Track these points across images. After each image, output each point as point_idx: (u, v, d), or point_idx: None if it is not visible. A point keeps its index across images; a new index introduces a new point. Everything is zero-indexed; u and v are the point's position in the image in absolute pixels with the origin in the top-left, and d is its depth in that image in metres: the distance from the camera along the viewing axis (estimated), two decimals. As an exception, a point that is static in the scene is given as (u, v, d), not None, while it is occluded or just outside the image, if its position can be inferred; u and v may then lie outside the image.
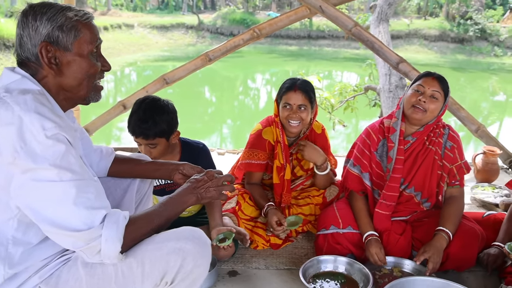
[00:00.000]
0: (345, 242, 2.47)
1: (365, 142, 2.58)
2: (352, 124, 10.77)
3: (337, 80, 17.92)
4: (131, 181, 2.10)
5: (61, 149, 1.33)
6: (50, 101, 1.46)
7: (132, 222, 1.47)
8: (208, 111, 14.00)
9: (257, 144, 2.85)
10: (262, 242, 2.70)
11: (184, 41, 26.74)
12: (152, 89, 4.46)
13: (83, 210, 1.35)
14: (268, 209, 2.70)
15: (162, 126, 2.38)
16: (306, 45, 26.25)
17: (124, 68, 20.58)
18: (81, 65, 1.50)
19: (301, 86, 2.69)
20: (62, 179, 1.33)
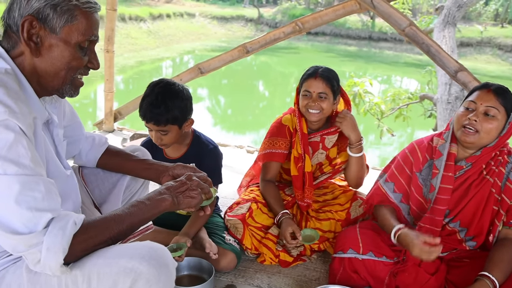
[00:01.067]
0: (363, 271, 2.13)
1: (407, 158, 2.21)
2: (405, 133, 10.23)
3: (395, 86, 17.33)
4: (121, 176, 1.93)
5: (8, 138, 1.17)
6: (20, 82, 1.30)
7: (84, 230, 1.25)
8: (260, 105, 13.86)
9: (276, 132, 2.64)
10: (270, 256, 2.42)
11: (242, 34, 26.72)
12: (187, 77, 4.27)
13: (25, 210, 1.17)
14: (283, 218, 2.42)
15: (175, 112, 2.20)
16: (366, 46, 25.57)
17: (182, 56, 20.82)
18: (63, 52, 1.35)
19: (323, 73, 2.46)
20: (5, 172, 1.16)
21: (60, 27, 1.31)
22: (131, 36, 19.54)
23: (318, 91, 2.44)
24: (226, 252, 2.30)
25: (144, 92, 2.26)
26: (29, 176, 1.18)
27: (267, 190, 2.61)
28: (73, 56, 1.35)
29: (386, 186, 2.24)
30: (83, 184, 1.87)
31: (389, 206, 2.24)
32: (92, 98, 11.36)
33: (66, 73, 1.37)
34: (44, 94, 1.43)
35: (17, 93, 1.23)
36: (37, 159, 1.23)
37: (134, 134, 4.23)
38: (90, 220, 1.29)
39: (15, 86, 1.25)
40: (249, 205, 2.52)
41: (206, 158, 2.41)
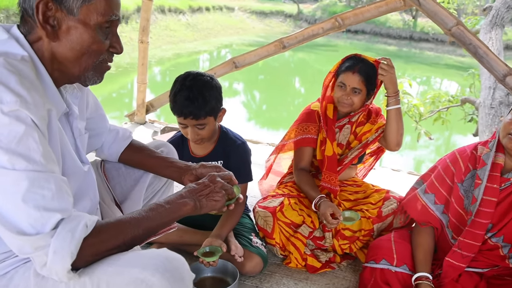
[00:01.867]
0: (396, 284, 2.02)
1: (449, 168, 2.07)
2: (442, 136, 9.94)
3: (435, 88, 16.91)
4: (144, 173, 1.84)
5: (18, 130, 1.08)
6: (38, 70, 1.20)
7: (96, 233, 1.16)
8: (295, 102, 13.74)
9: (306, 118, 2.65)
10: (296, 257, 2.34)
11: (281, 29, 26.52)
12: (221, 71, 4.19)
13: (32, 209, 1.08)
14: (322, 201, 2.35)
15: (212, 103, 2.12)
16: (406, 46, 25.00)
17: (220, 50, 20.81)
18: (82, 35, 1.24)
19: (361, 69, 2.41)
20: (14, 167, 1.07)
21: (77, 8, 1.21)
22: (170, 28, 19.63)
23: (353, 85, 2.44)
24: (253, 255, 2.21)
25: (172, 87, 2.15)
26: (39, 172, 1.09)
27: (301, 179, 2.57)
28: (93, 39, 1.25)
29: (426, 197, 2.10)
30: (104, 179, 1.80)
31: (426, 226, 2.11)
32: (129, 88, 11.46)
33: (87, 59, 1.28)
34: (64, 82, 1.34)
35: (32, 82, 1.15)
36: (49, 154, 1.14)
37: (165, 127, 4.18)
38: (104, 223, 1.21)
39: (31, 75, 1.16)
40: (281, 200, 2.45)
41: (234, 154, 2.32)
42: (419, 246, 2.07)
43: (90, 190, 1.49)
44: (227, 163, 2.33)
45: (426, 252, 2.05)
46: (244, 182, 2.35)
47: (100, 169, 1.83)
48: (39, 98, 1.13)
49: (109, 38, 1.31)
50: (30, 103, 1.09)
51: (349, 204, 2.58)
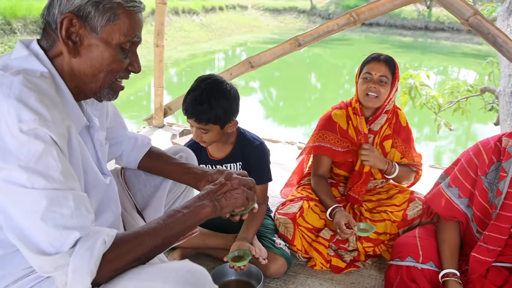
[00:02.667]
0: (422, 281, 1.99)
1: (472, 161, 2.03)
2: (462, 126, 9.80)
3: (452, 77, 16.69)
4: (163, 179, 1.84)
5: (37, 149, 1.08)
6: (58, 86, 1.22)
7: (115, 247, 1.15)
8: (312, 98, 13.68)
9: (326, 126, 2.58)
10: (321, 261, 2.31)
11: (295, 25, 26.44)
12: (237, 71, 4.18)
13: (51, 228, 1.08)
14: (337, 210, 2.33)
15: (218, 112, 2.11)
16: (421, 37, 24.71)
17: (235, 48, 20.82)
18: (103, 54, 1.26)
19: (386, 58, 2.44)
20: (34, 185, 1.07)
21: (101, 26, 1.23)
22: (184, 29, 19.69)
23: (379, 73, 2.42)
24: (276, 257, 2.21)
25: (191, 86, 2.17)
26: (58, 190, 1.10)
27: (318, 186, 2.54)
28: (114, 58, 1.27)
29: (450, 191, 2.07)
30: (125, 187, 1.81)
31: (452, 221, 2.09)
32: (146, 90, 11.52)
33: (105, 76, 1.29)
34: (82, 98, 1.35)
35: (52, 99, 1.15)
36: (68, 171, 1.14)
37: (184, 130, 4.19)
38: (122, 236, 1.20)
39: (51, 91, 1.17)
40: (300, 204, 2.42)
41: (252, 155, 2.32)
42: (444, 241, 2.04)
43: (112, 202, 1.50)
44: (246, 164, 2.33)
45: (452, 248, 2.02)
46: (264, 182, 2.35)
47: (120, 177, 1.84)
48: (58, 115, 1.14)
49: (128, 57, 1.33)
50: (49, 120, 1.10)
51: (371, 205, 2.55)
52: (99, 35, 1.24)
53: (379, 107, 2.50)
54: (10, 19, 11.33)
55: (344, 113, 2.59)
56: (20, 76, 1.12)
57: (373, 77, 2.43)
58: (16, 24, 11.40)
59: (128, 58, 1.33)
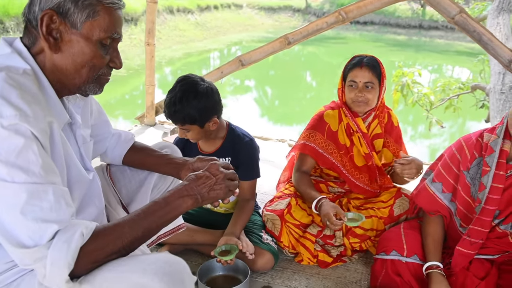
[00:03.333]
0: (407, 274, 2.02)
1: (455, 157, 2.06)
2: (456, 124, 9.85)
3: (446, 75, 16.75)
4: (148, 174, 1.86)
5: (18, 143, 1.10)
6: (40, 83, 1.24)
7: (94, 239, 1.16)
8: (307, 96, 13.70)
9: (316, 126, 2.55)
10: (308, 256, 2.32)
11: (290, 24, 26.44)
12: (227, 70, 4.20)
13: (31, 221, 1.10)
14: (323, 201, 2.28)
15: (191, 112, 2.14)
16: (416, 35, 24.76)
17: (230, 47, 20.80)
18: (83, 49, 1.29)
19: (368, 62, 2.38)
20: (14, 179, 1.09)
21: (81, 22, 1.25)
22: (179, 28, 19.67)
23: (364, 80, 2.37)
24: (263, 252, 2.23)
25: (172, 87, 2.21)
26: (38, 184, 1.11)
27: (301, 180, 2.52)
28: (94, 53, 1.29)
29: (433, 186, 2.10)
30: (110, 183, 1.83)
31: (435, 215, 2.11)
32: (141, 89, 11.52)
33: (87, 72, 1.31)
34: (66, 94, 1.37)
35: (34, 95, 1.18)
36: (49, 166, 1.16)
37: (174, 128, 4.21)
38: (101, 228, 1.21)
39: (33, 87, 1.19)
40: (288, 200, 2.44)
41: (242, 151, 2.35)
42: (428, 235, 2.07)
43: (95, 197, 1.52)
44: (235, 160, 2.36)
45: (436, 241, 2.05)
46: (252, 178, 2.38)
47: (106, 173, 1.87)
48: (40, 111, 1.16)
49: (109, 54, 1.35)
50: (30, 116, 1.11)
51: (359, 202, 2.55)
52: (79, 31, 1.26)
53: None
54: (3, 18, 11.30)
55: (336, 114, 2.56)
56: (2, 73, 1.15)
57: (359, 85, 2.40)
58: (9, 23, 11.37)
59: (108, 54, 1.35)
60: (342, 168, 2.52)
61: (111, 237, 1.20)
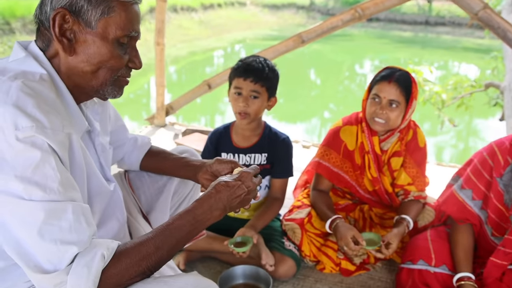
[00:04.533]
0: (435, 285, 1.94)
1: (486, 162, 1.97)
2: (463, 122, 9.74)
3: (452, 72, 16.61)
4: (168, 180, 1.77)
5: (34, 157, 1.02)
6: (58, 89, 1.16)
7: (116, 261, 1.07)
8: (312, 94, 13.62)
9: (331, 143, 2.39)
10: (331, 265, 2.24)
11: (294, 21, 26.34)
12: (239, 69, 4.09)
13: (49, 243, 1.02)
14: (338, 222, 2.16)
15: (273, 76, 2.19)
16: (422, 31, 24.60)
17: (234, 45, 20.74)
18: (100, 50, 1.19)
19: (399, 78, 2.15)
20: (31, 197, 1.02)
21: (95, 21, 1.16)
22: (183, 27, 19.60)
23: (389, 97, 2.16)
24: (285, 258, 2.16)
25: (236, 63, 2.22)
26: (56, 202, 1.03)
27: (318, 199, 2.37)
28: (112, 53, 1.20)
29: (462, 193, 2.01)
30: (130, 191, 1.75)
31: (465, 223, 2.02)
32: (145, 88, 11.45)
33: (105, 73, 1.23)
34: (84, 99, 1.29)
35: (52, 104, 1.10)
36: (68, 181, 1.08)
37: (186, 130, 4.13)
38: (124, 248, 1.11)
39: (51, 95, 1.12)
40: (309, 210, 2.34)
41: (279, 149, 2.30)
42: (458, 244, 1.99)
43: (117, 209, 1.45)
44: (271, 157, 2.32)
45: (466, 251, 1.97)
46: (285, 177, 2.35)
47: (125, 180, 1.79)
48: (58, 121, 1.08)
49: (128, 53, 1.27)
50: (48, 127, 1.05)
51: (382, 210, 2.46)
52: (94, 30, 1.17)
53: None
54: (9, 19, 11.26)
55: (354, 131, 2.37)
56: (18, 82, 1.07)
57: (382, 101, 2.18)
58: (15, 24, 11.33)
59: (127, 54, 1.26)
60: (358, 187, 2.42)
61: (135, 258, 1.11)
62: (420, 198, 2.36)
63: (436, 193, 2.38)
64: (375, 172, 2.35)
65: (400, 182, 2.37)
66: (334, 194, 2.53)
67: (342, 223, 2.17)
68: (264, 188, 2.37)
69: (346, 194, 2.54)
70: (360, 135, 2.35)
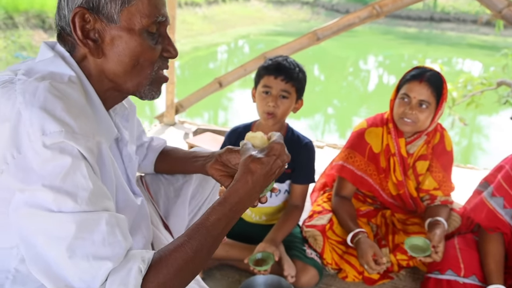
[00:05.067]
0: (465, 296, 1.86)
1: None
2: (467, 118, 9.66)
3: (456, 68, 16.52)
4: (184, 183, 1.66)
5: (63, 165, 0.93)
6: (87, 93, 1.06)
7: (154, 273, 0.97)
8: (315, 89, 13.55)
9: (356, 145, 2.30)
10: (353, 274, 2.17)
11: (298, 17, 26.21)
12: (252, 67, 4.07)
13: (80, 259, 0.92)
14: (360, 237, 2.08)
15: (303, 77, 2.14)
16: (427, 27, 24.47)
17: (237, 40, 20.66)
18: (129, 44, 1.08)
19: (430, 78, 2.07)
20: (60, 208, 0.91)
21: (117, 13, 1.05)
22: (187, 22, 19.50)
23: (420, 97, 2.08)
24: (308, 267, 2.09)
25: (265, 62, 2.16)
26: (88, 213, 0.94)
27: (341, 207, 2.29)
28: (141, 45, 1.09)
29: (493, 201, 1.94)
30: (149, 197, 1.64)
31: (495, 232, 1.94)
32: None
33: (140, 71, 1.12)
34: (112, 103, 1.20)
35: (81, 108, 1.01)
36: (100, 190, 0.99)
37: (198, 129, 4.05)
38: (158, 258, 1.00)
39: (81, 100, 1.03)
40: (330, 216, 2.27)
41: (301, 153, 2.21)
42: (489, 254, 1.92)
43: (143, 225, 1.36)
44: (292, 161, 2.21)
45: (497, 261, 1.90)
46: (306, 183, 2.25)
47: (143, 186, 1.68)
48: (88, 127, 0.99)
49: (159, 43, 1.15)
50: (77, 133, 0.95)
51: (404, 216, 2.38)
52: (118, 24, 1.06)
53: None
54: (12, 13, 11.16)
55: (380, 132, 2.30)
56: (46, 83, 0.98)
57: (412, 101, 2.11)
58: (18, 18, 11.23)
59: (159, 43, 1.15)
60: (382, 191, 2.35)
61: (173, 267, 1.00)
62: (447, 202, 2.29)
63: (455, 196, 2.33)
64: (400, 176, 2.27)
65: (425, 187, 2.30)
66: (355, 199, 2.46)
67: (364, 238, 2.09)
68: (283, 192, 2.30)
69: (367, 199, 2.46)
70: (385, 137, 2.28)
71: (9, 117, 0.94)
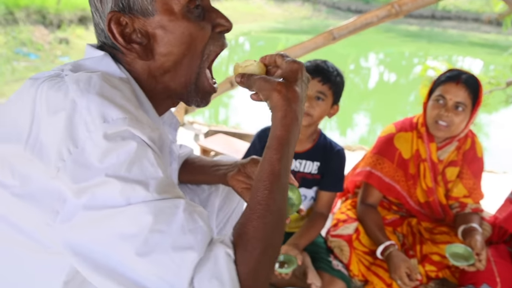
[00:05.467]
0: (501, 312, 1.80)
1: None
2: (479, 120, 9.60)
3: (457, 66, 16.50)
4: (210, 195, 1.54)
5: (128, 151, 0.80)
6: (138, 98, 0.94)
7: (242, 253, 0.84)
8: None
9: (384, 151, 2.22)
10: (381, 286, 2.07)
11: (299, 14, 26.18)
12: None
13: (158, 254, 0.77)
14: (391, 251, 1.99)
15: (340, 83, 2.04)
16: (428, 25, 24.50)
17: (238, 37, 20.56)
18: (175, 31, 0.95)
19: (467, 80, 1.99)
20: (129, 200, 0.77)
21: (150, 3, 0.93)
22: (188, 18, 19.45)
23: (456, 99, 1.99)
24: (335, 280, 2.00)
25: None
26: (163, 200, 0.80)
27: (368, 216, 2.20)
28: (189, 28, 0.96)
29: None
30: None
31: None
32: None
33: (190, 60, 0.99)
34: (164, 110, 1.08)
35: (136, 106, 0.90)
36: (169, 179, 0.85)
37: (209, 131, 3.98)
38: (234, 233, 0.88)
39: (133, 99, 0.91)
40: (356, 225, 2.18)
41: (333, 159, 2.13)
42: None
43: None
44: (323, 167, 2.15)
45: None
46: (335, 190, 2.16)
47: None
48: (148, 119, 0.89)
49: (206, 18, 1.01)
50: (141, 121, 0.84)
51: (431, 224, 2.30)
52: (156, 15, 0.94)
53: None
54: (13, 9, 11.07)
55: (409, 138, 2.21)
56: (98, 73, 0.88)
57: (448, 103, 2.01)
58: (18, 14, 11.13)
59: (206, 20, 1.01)
60: (409, 198, 2.27)
61: (258, 237, 0.86)
62: (477, 210, 2.21)
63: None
64: (430, 182, 2.19)
65: (455, 194, 2.22)
66: (380, 206, 2.37)
67: (396, 252, 2.00)
68: (309, 199, 2.22)
69: (392, 206, 2.39)
70: (415, 142, 2.20)
71: (62, 107, 0.81)
